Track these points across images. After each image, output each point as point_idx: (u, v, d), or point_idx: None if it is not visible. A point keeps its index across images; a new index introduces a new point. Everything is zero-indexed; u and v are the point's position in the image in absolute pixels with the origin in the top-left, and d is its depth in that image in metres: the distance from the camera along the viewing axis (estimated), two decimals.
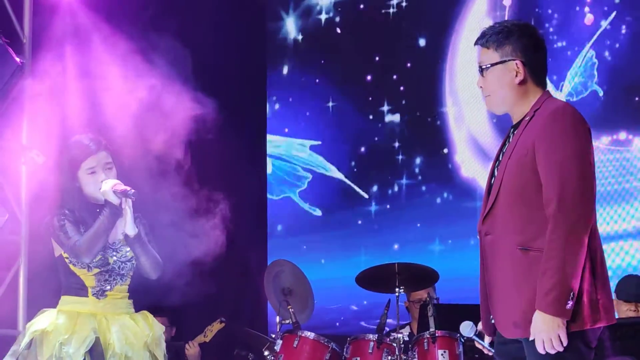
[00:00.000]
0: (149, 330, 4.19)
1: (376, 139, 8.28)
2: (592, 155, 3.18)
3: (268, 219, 8.83)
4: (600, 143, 7.04)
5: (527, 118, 3.26)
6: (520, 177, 3.17)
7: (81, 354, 3.99)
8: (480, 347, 3.43)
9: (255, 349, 6.39)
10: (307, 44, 8.79)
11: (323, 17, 8.69)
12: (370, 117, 8.32)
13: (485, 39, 3.33)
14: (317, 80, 8.68)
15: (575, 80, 7.26)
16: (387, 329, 5.88)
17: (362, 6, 8.53)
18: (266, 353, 5.78)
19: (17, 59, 6.16)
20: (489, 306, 3.29)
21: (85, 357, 4.01)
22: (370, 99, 8.38)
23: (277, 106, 8.92)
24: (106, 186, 4.15)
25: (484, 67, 3.32)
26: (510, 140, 3.30)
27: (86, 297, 4.16)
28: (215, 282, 8.26)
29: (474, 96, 7.68)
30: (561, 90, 7.29)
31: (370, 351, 5.55)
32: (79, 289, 4.18)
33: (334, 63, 8.60)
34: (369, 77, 8.40)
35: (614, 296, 5.87)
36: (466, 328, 3.42)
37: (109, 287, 4.18)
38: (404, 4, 8.23)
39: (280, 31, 8.91)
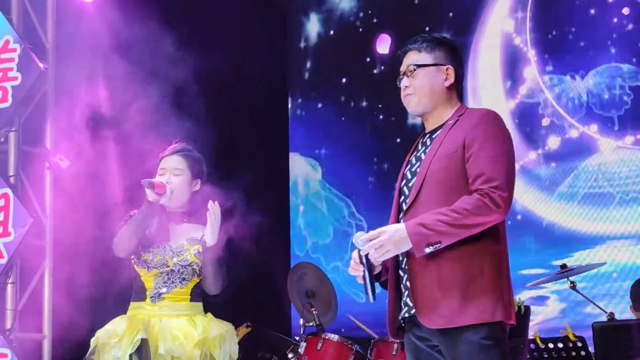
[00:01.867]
0: (204, 331, 4.17)
1: (398, 140, 8.26)
2: None
3: (290, 220, 8.84)
4: (624, 143, 7.00)
5: (450, 122, 3.37)
6: (447, 171, 3.24)
7: (127, 355, 4.03)
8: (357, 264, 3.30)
9: (279, 352, 6.39)
10: (330, 44, 8.80)
11: (345, 17, 8.69)
12: (392, 118, 8.31)
13: (418, 44, 3.48)
14: (343, 80, 8.68)
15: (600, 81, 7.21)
16: None
17: (384, 6, 8.52)
18: (290, 356, 5.78)
19: (41, 65, 6.20)
20: (403, 299, 3.31)
21: (132, 357, 4.04)
22: (392, 98, 8.36)
23: (299, 102, 8.94)
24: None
25: (415, 66, 3.43)
26: (430, 144, 3.38)
27: (144, 302, 4.22)
28: (239, 285, 8.29)
29: (496, 97, 7.66)
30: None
31: (394, 353, 5.55)
32: (140, 293, 4.24)
33: (356, 63, 8.59)
34: (390, 77, 8.38)
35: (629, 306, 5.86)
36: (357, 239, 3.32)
37: (165, 290, 4.20)
38: (425, 3, 8.22)
39: (302, 31, 8.93)
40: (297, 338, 5.90)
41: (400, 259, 3.34)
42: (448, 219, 3.12)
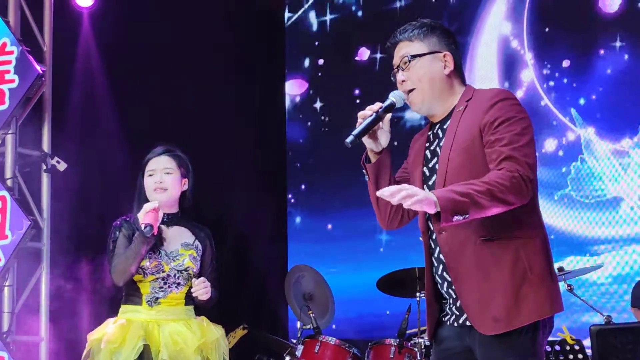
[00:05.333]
0: (202, 335, 4.20)
1: (396, 143, 8.25)
2: None
3: (288, 224, 8.84)
4: (621, 146, 7.01)
5: (459, 109, 3.16)
6: (469, 165, 3.04)
7: None
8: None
9: (277, 355, 6.39)
10: (328, 34, 8.81)
11: (343, 7, 8.72)
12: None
13: (408, 33, 3.24)
14: (337, 71, 8.69)
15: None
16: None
17: (378, 6, 8.55)
18: (287, 358, 5.79)
19: (38, 67, 6.20)
20: (463, 304, 3.09)
21: None
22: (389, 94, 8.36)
23: (297, 99, 8.95)
24: (141, 213, 4.15)
25: (409, 57, 3.19)
26: (443, 136, 3.17)
27: (140, 306, 4.21)
28: (236, 288, 8.30)
29: None
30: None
31: (391, 356, 5.55)
32: (135, 297, 4.23)
33: (354, 55, 8.59)
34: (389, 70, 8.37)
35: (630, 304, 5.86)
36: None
37: (161, 295, 4.21)
38: (422, 5, 8.23)
39: (301, 22, 8.95)
40: (295, 341, 5.89)
41: (436, 265, 3.19)
42: (482, 189, 2.86)
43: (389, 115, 3.22)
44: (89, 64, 7.14)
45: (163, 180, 4.27)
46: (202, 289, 4.16)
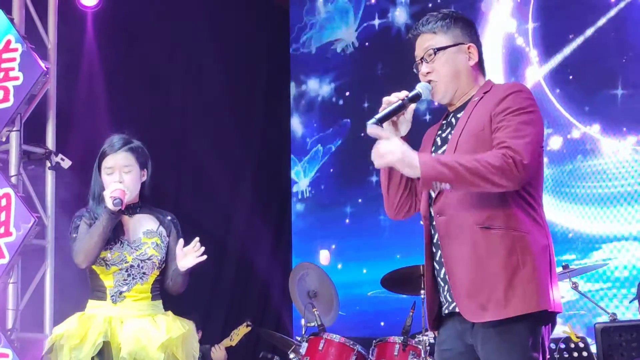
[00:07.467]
0: (167, 331, 4.07)
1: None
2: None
3: (292, 220, 8.83)
4: (627, 143, 6.99)
5: (475, 99, 3.18)
6: (477, 151, 3.03)
7: (89, 358, 3.94)
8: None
9: (281, 352, 6.39)
10: (334, 21, 8.83)
11: None
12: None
13: (431, 25, 3.23)
14: (343, 57, 8.71)
15: None
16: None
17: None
18: (292, 356, 5.78)
19: (43, 65, 6.20)
20: (452, 291, 3.10)
21: None
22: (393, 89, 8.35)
23: (303, 87, 8.95)
24: (107, 191, 4.02)
25: (434, 50, 3.19)
26: (456, 123, 3.20)
27: (104, 301, 4.10)
28: (240, 286, 8.30)
29: None
30: None
31: (395, 354, 5.54)
32: (100, 292, 4.12)
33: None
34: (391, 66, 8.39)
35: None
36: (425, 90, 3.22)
37: (126, 288, 4.09)
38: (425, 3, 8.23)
39: (308, 7, 8.98)
40: (299, 338, 5.89)
41: (434, 250, 3.18)
42: (467, 165, 2.91)
43: (412, 105, 3.21)
44: (93, 61, 7.15)
45: (123, 180, 4.10)
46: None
